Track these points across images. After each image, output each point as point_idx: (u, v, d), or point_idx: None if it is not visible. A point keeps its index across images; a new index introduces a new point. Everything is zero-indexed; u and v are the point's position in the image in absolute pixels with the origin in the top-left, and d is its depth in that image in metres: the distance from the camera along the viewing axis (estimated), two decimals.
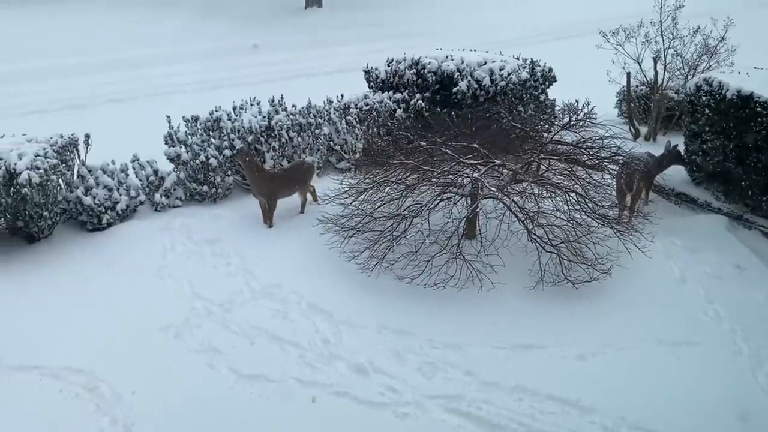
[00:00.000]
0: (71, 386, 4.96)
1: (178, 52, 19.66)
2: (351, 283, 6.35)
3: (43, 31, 21.26)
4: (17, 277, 6.55)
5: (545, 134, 8.12)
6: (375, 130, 9.39)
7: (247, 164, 7.47)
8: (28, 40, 20.34)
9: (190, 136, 8.30)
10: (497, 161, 6.63)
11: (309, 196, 8.03)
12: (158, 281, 6.47)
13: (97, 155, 8.00)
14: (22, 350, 5.37)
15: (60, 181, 7.35)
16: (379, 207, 6.72)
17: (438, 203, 6.40)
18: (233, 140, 8.28)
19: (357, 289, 6.28)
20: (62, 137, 7.69)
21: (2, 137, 7.55)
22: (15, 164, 6.84)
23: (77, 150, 7.89)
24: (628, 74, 10.67)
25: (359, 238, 6.64)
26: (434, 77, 9.71)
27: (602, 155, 6.89)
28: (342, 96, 9.73)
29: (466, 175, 6.57)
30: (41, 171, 6.89)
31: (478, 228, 6.76)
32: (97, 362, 5.18)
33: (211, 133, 8.37)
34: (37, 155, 7.02)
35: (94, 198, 7.48)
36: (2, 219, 7.11)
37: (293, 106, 9.09)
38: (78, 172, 7.72)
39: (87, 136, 7.99)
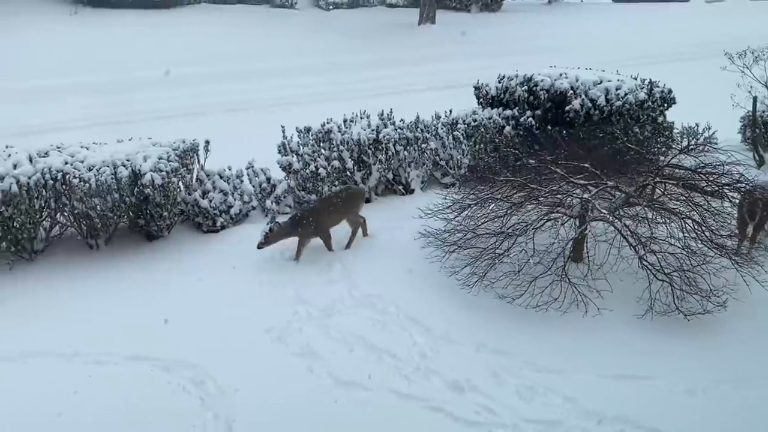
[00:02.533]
0: (179, 379, 5.18)
1: (294, 66, 20.35)
2: (450, 298, 6.31)
3: (167, 41, 22.53)
4: (134, 273, 6.93)
5: (662, 157, 7.79)
6: (482, 146, 9.33)
7: (283, 234, 7.06)
8: (154, 49, 21.63)
9: (301, 146, 8.55)
10: (609, 183, 6.41)
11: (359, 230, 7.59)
12: (265, 284, 6.68)
13: (215, 161, 8.37)
14: (135, 341, 5.65)
15: (180, 183, 7.75)
16: (482, 224, 6.65)
17: (544, 223, 6.26)
18: (342, 152, 8.45)
19: (456, 305, 6.23)
20: (184, 142, 8.10)
21: (130, 140, 8.06)
22: (140, 166, 7.28)
23: (197, 155, 8.29)
24: (755, 98, 10.09)
25: (461, 254, 6.59)
26: (546, 95, 9.55)
27: (723, 182, 6.52)
28: (450, 111, 9.73)
29: (575, 195, 6.39)
30: (163, 173, 7.28)
31: (585, 251, 6.56)
32: (204, 358, 5.39)
33: (321, 144, 8.58)
34: (160, 158, 7.44)
35: (210, 201, 7.83)
36: (125, 217, 7.56)
37: (401, 120, 9.19)
38: (197, 176, 8.10)
39: (207, 143, 8.38)
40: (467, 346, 5.68)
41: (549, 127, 9.38)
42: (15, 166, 6.95)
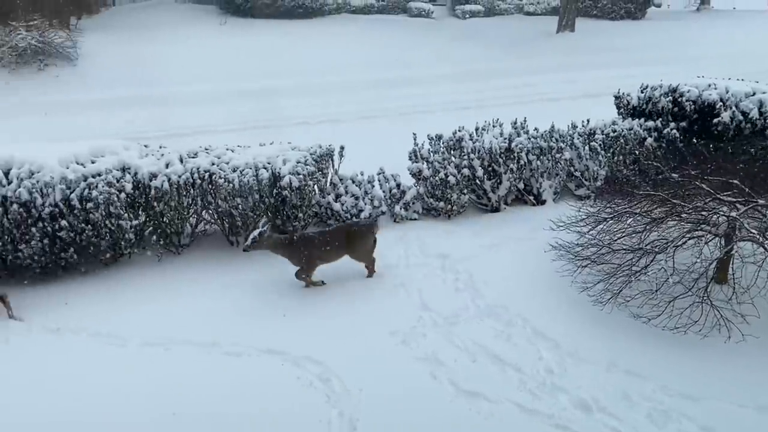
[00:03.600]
0: (307, 375, 5.34)
1: (428, 74, 20.50)
2: (581, 314, 6.10)
3: (308, 50, 23.39)
4: (271, 269, 7.20)
5: None
6: (621, 158, 8.97)
7: (270, 246, 6.78)
8: (296, 58, 22.54)
9: (432, 154, 8.59)
10: (760, 201, 5.96)
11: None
12: (391, 288, 6.76)
13: (349, 166, 8.59)
14: (269, 335, 5.90)
15: (315, 186, 8.02)
16: (618, 239, 6.38)
17: (686, 241, 5.91)
18: (472, 160, 8.41)
19: (587, 321, 6.02)
20: (320, 147, 8.38)
21: (271, 144, 8.44)
22: (280, 169, 7.62)
23: (332, 160, 8.55)
24: None
25: (594, 269, 6.36)
26: (693, 106, 9.04)
27: None
28: (587, 121, 9.44)
29: (721, 213, 5.99)
30: (301, 176, 7.57)
31: (731, 272, 6.13)
32: (330, 356, 5.53)
33: (452, 152, 8.58)
34: (298, 162, 7.74)
35: (343, 205, 8.05)
36: (264, 217, 7.91)
37: (535, 129, 9.02)
38: (331, 179, 8.35)
39: (342, 148, 8.62)
40: (597, 365, 5.46)
41: (694, 140, 8.88)
42: (167, 165, 7.48)
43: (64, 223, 6.82)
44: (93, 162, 7.23)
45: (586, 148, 8.90)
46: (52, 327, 6.21)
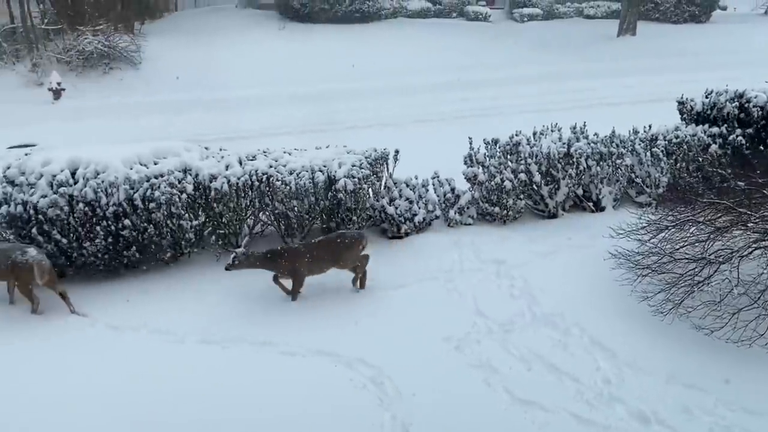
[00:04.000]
0: (360, 377, 5.36)
1: (483, 78, 20.43)
2: (640, 324, 5.95)
3: (364, 55, 23.55)
4: (322, 274, 7.25)
5: None
6: (684, 164, 8.73)
7: (252, 264, 6.69)
8: (353, 62, 22.73)
9: (488, 158, 8.52)
10: None
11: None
12: (445, 293, 6.74)
13: (403, 170, 8.59)
14: (320, 337, 5.94)
15: (369, 190, 8.05)
16: (680, 248, 6.20)
17: (752, 251, 5.71)
18: (529, 165, 8.31)
19: (646, 332, 5.87)
20: (375, 151, 8.40)
21: (327, 147, 8.52)
22: (335, 172, 7.68)
23: (387, 163, 8.56)
24: None
25: (654, 278, 6.20)
26: (761, 112, 8.75)
27: None
28: (649, 126, 9.22)
29: None
30: (356, 180, 7.62)
31: None
32: (383, 359, 5.54)
33: (509, 157, 8.49)
34: (353, 165, 7.78)
35: (396, 208, 8.06)
36: (319, 219, 8.00)
37: (595, 134, 8.85)
38: (385, 183, 8.37)
39: (396, 152, 8.62)
40: (656, 377, 5.32)
41: (762, 147, 8.57)
42: (227, 167, 7.62)
43: (127, 222, 7.03)
44: (156, 163, 7.43)
45: (648, 154, 8.69)
46: (113, 323, 6.39)
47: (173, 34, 25.48)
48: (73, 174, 7.06)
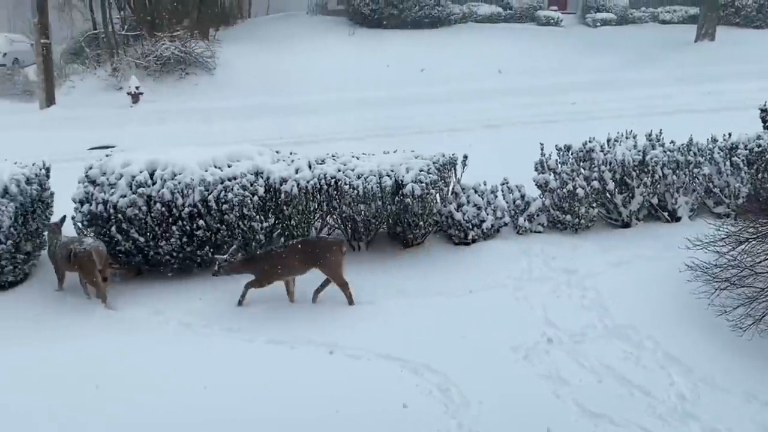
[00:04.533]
0: (426, 383, 5.34)
1: (555, 83, 20.17)
2: (717, 340, 5.73)
3: (434, 60, 23.54)
4: (392, 278, 7.30)
5: None
6: (765, 175, 8.36)
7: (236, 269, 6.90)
8: (422, 66, 22.77)
9: (560, 165, 8.38)
10: None
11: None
12: (513, 301, 6.66)
13: (471, 175, 8.53)
14: (385, 341, 5.94)
15: (437, 195, 8.02)
16: (762, 261, 5.95)
17: None
18: (603, 172, 8.12)
19: (724, 347, 5.64)
20: (443, 156, 8.36)
21: (395, 152, 8.54)
22: (402, 177, 7.69)
23: (454, 169, 8.51)
24: None
25: (733, 292, 5.95)
26: None
27: None
28: (729, 135, 8.87)
29: None
30: (423, 185, 7.60)
31: None
32: (449, 366, 5.50)
33: (581, 164, 8.32)
34: (421, 170, 7.77)
35: (464, 214, 8.01)
36: (385, 223, 8.03)
37: (671, 142, 8.58)
38: (453, 188, 8.33)
39: (465, 157, 8.57)
40: (733, 394, 5.11)
41: None
42: (296, 171, 7.74)
43: (201, 222, 7.23)
44: (229, 166, 7.62)
45: (727, 163, 8.37)
46: (186, 321, 6.59)
47: (246, 40, 26.09)
48: (151, 175, 7.30)
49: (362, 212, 7.68)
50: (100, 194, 7.21)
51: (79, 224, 7.43)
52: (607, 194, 8.19)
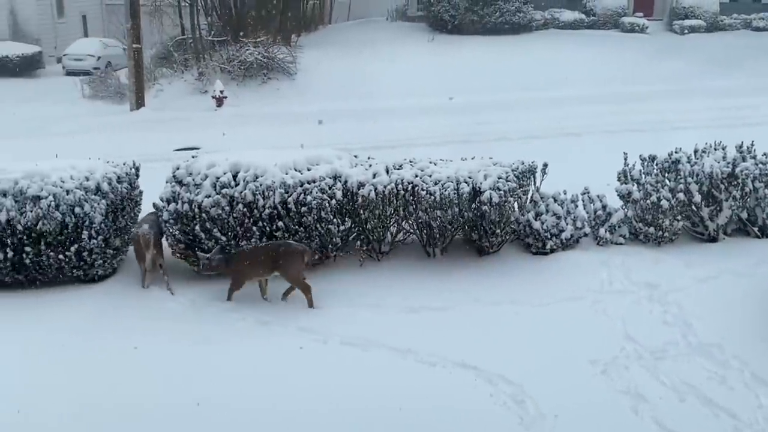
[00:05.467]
0: (501, 394, 5.26)
1: (640, 91, 19.68)
2: None
3: (514, 66, 23.31)
4: (467, 286, 7.24)
5: None
6: None
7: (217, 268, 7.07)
8: (502, 73, 22.59)
9: (644, 175, 8.13)
10: None
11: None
12: (591, 314, 6.50)
13: (550, 184, 8.38)
14: (461, 349, 5.89)
15: (515, 203, 7.93)
16: None
17: None
18: (689, 184, 7.83)
19: None
20: (522, 164, 8.26)
21: (473, 159, 8.49)
22: (480, 183, 7.63)
23: (534, 177, 8.39)
24: None
25: None
26: None
27: None
28: None
29: None
30: (501, 192, 7.52)
31: None
32: (525, 377, 5.40)
33: (666, 175, 8.06)
34: (499, 178, 7.70)
35: (543, 224, 7.87)
36: (461, 230, 7.99)
37: (764, 154, 8.20)
38: (531, 197, 8.21)
39: (545, 165, 8.43)
40: None
41: None
42: (374, 176, 7.80)
43: (280, 224, 7.39)
44: (309, 169, 7.75)
45: None
46: (263, 319, 6.73)
47: (326, 46, 26.51)
48: (234, 177, 7.51)
49: (438, 218, 7.66)
50: (186, 194, 7.47)
51: (166, 222, 7.71)
52: (693, 207, 7.89)
